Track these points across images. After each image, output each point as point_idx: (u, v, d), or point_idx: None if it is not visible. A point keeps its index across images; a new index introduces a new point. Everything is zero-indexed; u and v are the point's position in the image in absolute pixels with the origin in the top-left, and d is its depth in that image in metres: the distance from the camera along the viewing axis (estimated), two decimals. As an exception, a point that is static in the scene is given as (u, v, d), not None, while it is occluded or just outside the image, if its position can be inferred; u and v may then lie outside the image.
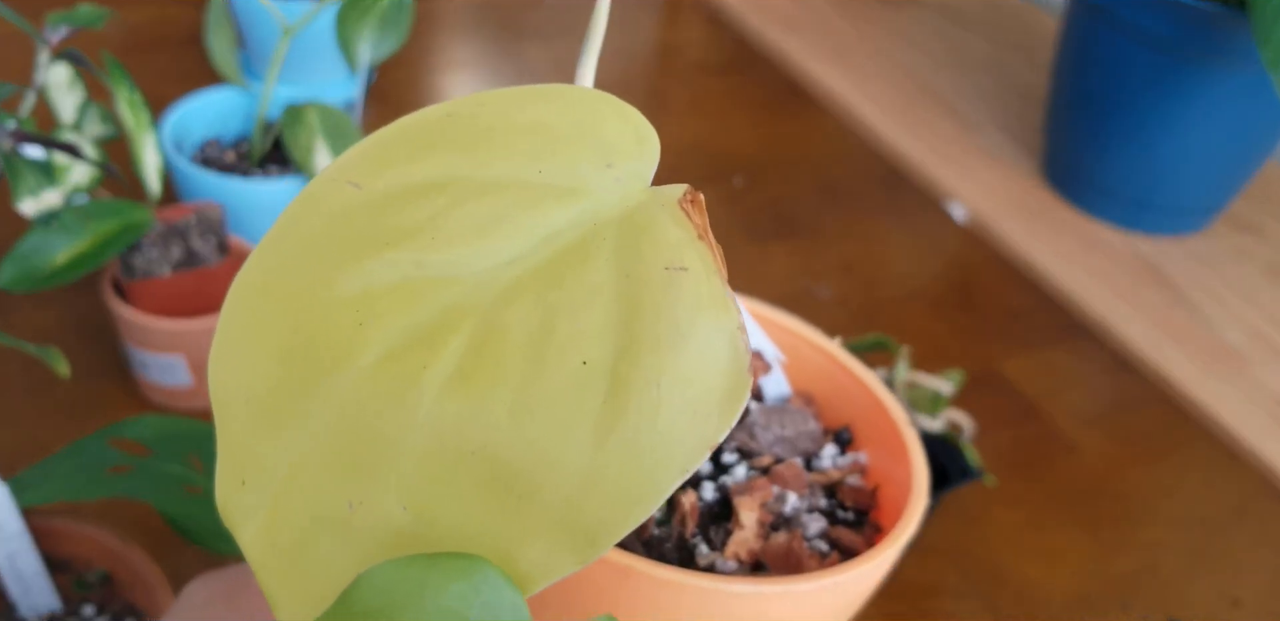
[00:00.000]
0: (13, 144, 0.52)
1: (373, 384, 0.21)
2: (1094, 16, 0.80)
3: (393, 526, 0.21)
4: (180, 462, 0.48)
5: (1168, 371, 0.75)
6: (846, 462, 0.38)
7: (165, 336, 0.59)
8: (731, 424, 0.21)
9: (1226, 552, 0.65)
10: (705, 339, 0.21)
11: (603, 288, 0.21)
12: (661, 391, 0.21)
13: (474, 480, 0.21)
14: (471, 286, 0.22)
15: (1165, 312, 0.80)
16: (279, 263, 0.23)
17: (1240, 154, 0.83)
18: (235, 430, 0.22)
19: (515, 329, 0.21)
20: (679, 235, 0.22)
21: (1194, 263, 0.86)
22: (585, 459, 0.20)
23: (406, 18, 0.69)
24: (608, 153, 0.23)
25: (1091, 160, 0.86)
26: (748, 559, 0.33)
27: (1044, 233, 0.86)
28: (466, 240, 0.22)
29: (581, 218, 0.23)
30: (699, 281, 0.21)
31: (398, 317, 0.22)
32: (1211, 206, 0.87)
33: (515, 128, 0.23)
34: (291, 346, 0.22)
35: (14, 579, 0.46)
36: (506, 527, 0.21)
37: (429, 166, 0.23)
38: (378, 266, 0.22)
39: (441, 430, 0.21)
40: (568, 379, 0.21)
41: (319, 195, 0.23)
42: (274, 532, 0.22)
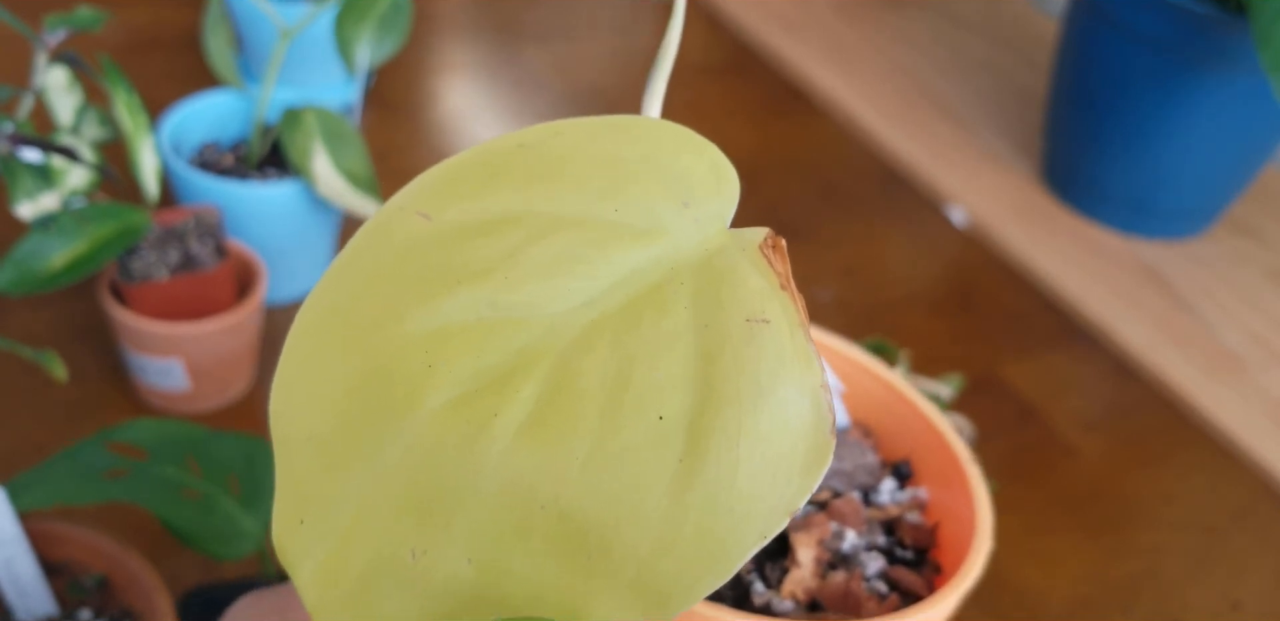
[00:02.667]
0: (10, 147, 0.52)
1: (442, 428, 0.21)
2: (1094, 19, 0.80)
3: (456, 578, 0.20)
4: (177, 466, 0.47)
5: (1168, 375, 0.75)
6: (906, 498, 0.36)
7: (162, 340, 0.59)
8: (814, 487, 0.20)
9: (1227, 556, 0.65)
10: (787, 397, 0.20)
11: (681, 337, 0.21)
12: (741, 451, 0.20)
13: (543, 534, 0.20)
14: (545, 329, 0.21)
15: (1165, 316, 0.80)
16: (346, 295, 0.22)
17: (1240, 157, 0.83)
18: (296, 467, 0.22)
19: (590, 377, 0.21)
20: (760, 284, 0.21)
21: (1194, 266, 0.85)
22: (660, 518, 0.20)
23: (405, 20, 0.69)
24: (685, 190, 0.22)
25: (1091, 163, 0.86)
26: (804, 598, 0.32)
27: (1043, 236, 0.86)
28: (540, 279, 0.21)
29: (659, 260, 0.22)
30: (782, 335, 0.21)
31: (470, 360, 0.21)
32: (1211, 210, 0.87)
33: (590, 161, 0.23)
34: (358, 385, 0.21)
35: (10, 583, 0.45)
36: (575, 585, 0.20)
37: (501, 199, 0.22)
38: (450, 304, 0.21)
39: (512, 480, 0.20)
40: (644, 433, 0.20)
41: (387, 225, 0.22)
42: (333, 575, 0.21)
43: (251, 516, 0.47)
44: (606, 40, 1.06)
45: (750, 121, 0.96)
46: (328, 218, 0.69)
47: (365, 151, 0.66)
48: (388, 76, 0.94)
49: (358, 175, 0.66)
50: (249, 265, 0.63)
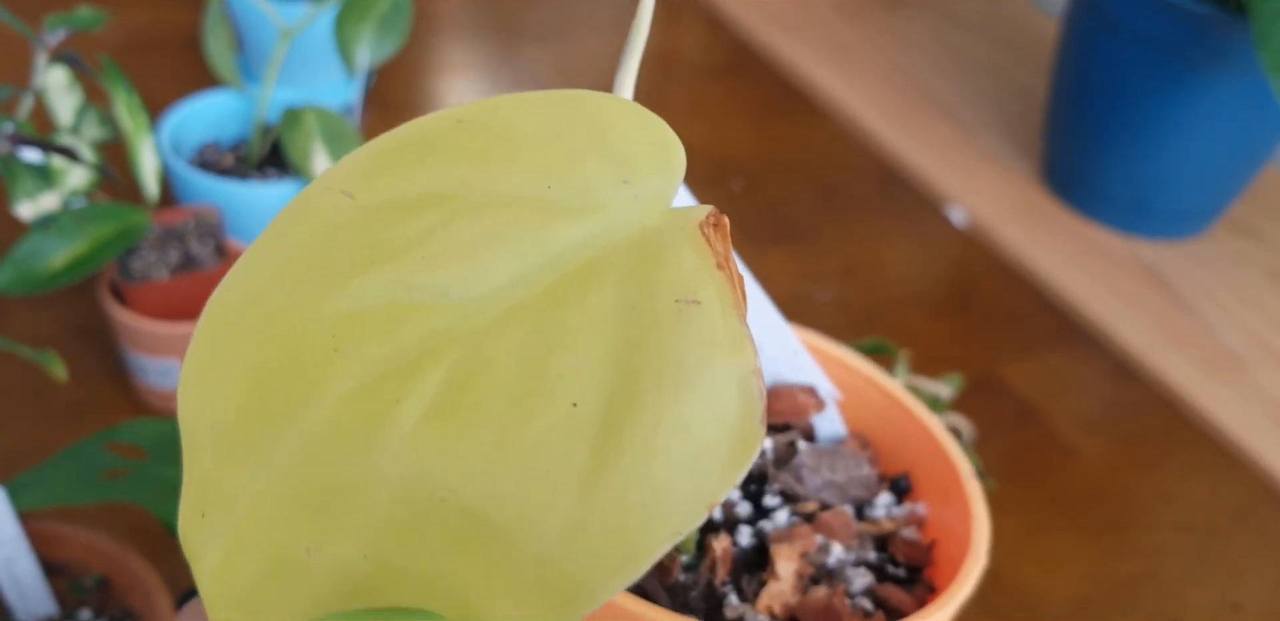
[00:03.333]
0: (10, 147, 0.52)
1: (340, 418, 0.19)
2: (1094, 20, 0.80)
3: (353, 575, 0.19)
4: (177, 467, 0.47)
5: (1168, 376, 0.75)
6: (902, 513, 0.35)
7: (162, 340, 0.59)
8: (735, 482, 0.19)
9: (1227, 558, 0.65)
10: (714, 383, 0.19)
11: (604, 320, 0.19)
12: (658, 440, 0.19)
13: (443, 530, 0.19)
14: (461, 313, 0.20)
15: (1165, 317, 0.80)
16: (259, 279, 0.21)
17: (1240, 158, 0.83)
18: (199, 459, 0.20)
19: (502, 363, 0.19)
20: (695, 263, 0.20)
21: (1194, 267, 0.85)
22: (567, 513, 0.18)
23: (405, 20, 0.69)
24: (626, 167, 0.21)
25: (1091, 164, 0.86)
26: (782, 614, 0.30)
27: (1043, 236, 0.86)
28: (462, 260, 0.20)
29: (592, 239, 0.21)
30: (713, 316, 0.19)
31: (377, 345, 0.20)
32: (1211, 210, 0.87)
33: (526, 137, 0.21)
34: (263, 372, 0.20)
35: (10, 583, 0.45)
36: (473, 585, 0.19)
37: (428, 177, 0.21)
38: (362, 286, 0.20)
39: (411, 472, 0.19)
40: (555, 422, 0.19)
41: (309, 205, 0.21)
42: (229, 572, 0.20)
43: (251, 517, 0.47)
44: (606, 40, 1.06)
45: (750, 121, 0.96)
46: (328, 218, 0.69)
47: (365, 151, 0.66)
48: (388, 76, 0.94)
49: (358, 175, 0.65)
50: (249, 265, 0.63)
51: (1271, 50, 0.61)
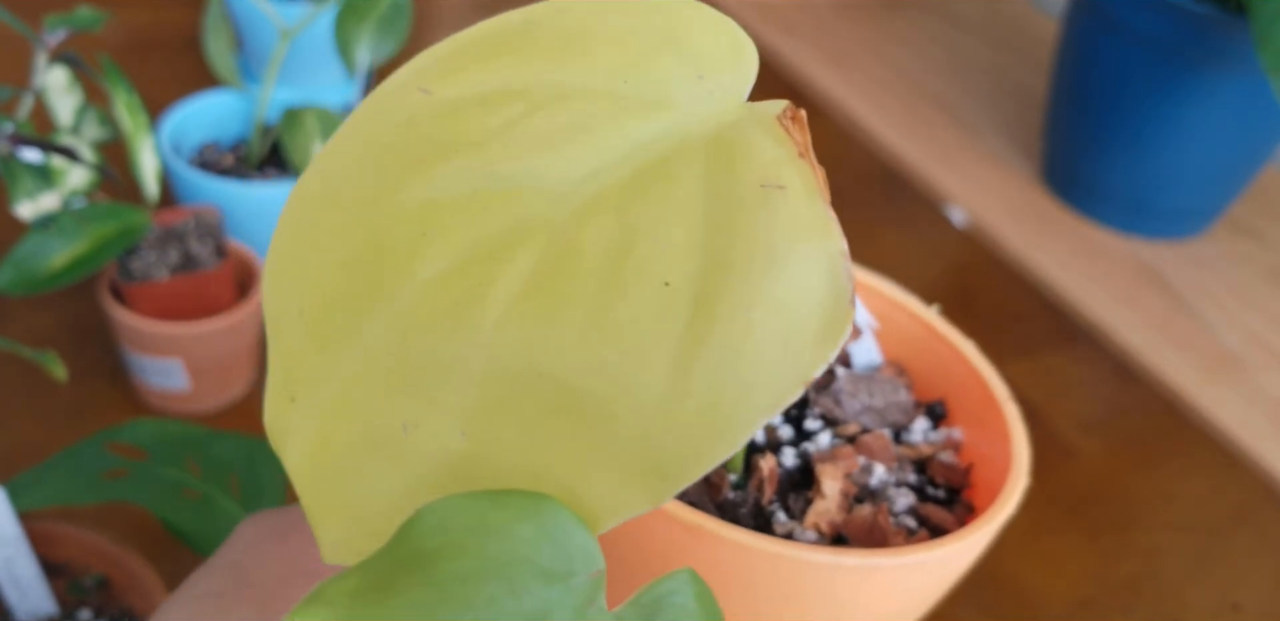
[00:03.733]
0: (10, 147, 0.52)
1: (434, 298, 0.20)
2: (1093, 20, 0.80)
3: (449, 451, 0.20)
4: (177, 467, 0.47)
5: (1167, 376, 0.75)
6: (939, 438, 0.35)
7: (162, 340, 0.59)
8: (830, 357, 0.19)
9: (1227, 558, 0.65)
10: (803, 263, 0.19)
11: (690, 205, 0.20)
12: (752, 317, 0.19)
13: (540, 406, 0.19)
14: (546, 200, 0.20)
15: (1165, 317, 0.80)
16: (340, 170, 0.21)
17: (1240, 158, 0.83)
18: (287, 344, 0.21)
19: (591, 246, 0.19)
20: (777, 153, 0.20)
21: (1193, 267, 0.85)
22: (664, 386, 0.19)
23: (405, 20, 0.69)
24: (699, 64, 0.22)
25: (1091, 164, 0.86)
26: (828, 531, 0.30)
27: (1043, 237, 0.86)
28: (542, 151, 0.20)
29: (670, 131, 0.21)
30: (798, 201, 0.20)
31: (465, 230, 0.20)
32: (1211, 211, 0.87)
33: (600, 35, 0.22)
34: (350, 258, 0.20)
35: (10, 583, 0.45)
36: (574, 458, 0.19)
37: (505, 73, 0.21)
38: (445, 175, 0.20)
39: (506, 351, 0.19)
40: (647, 300, 0.19)
41: (386, 101, 0.22)
42: (322, 452, 0.20)
43: (251, 516, 0.47)
44: (606, 41, 1.06)
45: (750, 122, 0.96)
46: (328, 218, 0.69)
47: (365, 152, 0.66)
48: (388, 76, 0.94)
49: (358, 175, 0.66)
50: (249, 265, 0.63)
51: (1271, 50, 0.61)
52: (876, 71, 1.03)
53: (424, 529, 0.18)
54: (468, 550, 0.17)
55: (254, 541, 0.31)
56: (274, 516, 0.32)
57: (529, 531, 0.18)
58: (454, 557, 0.17)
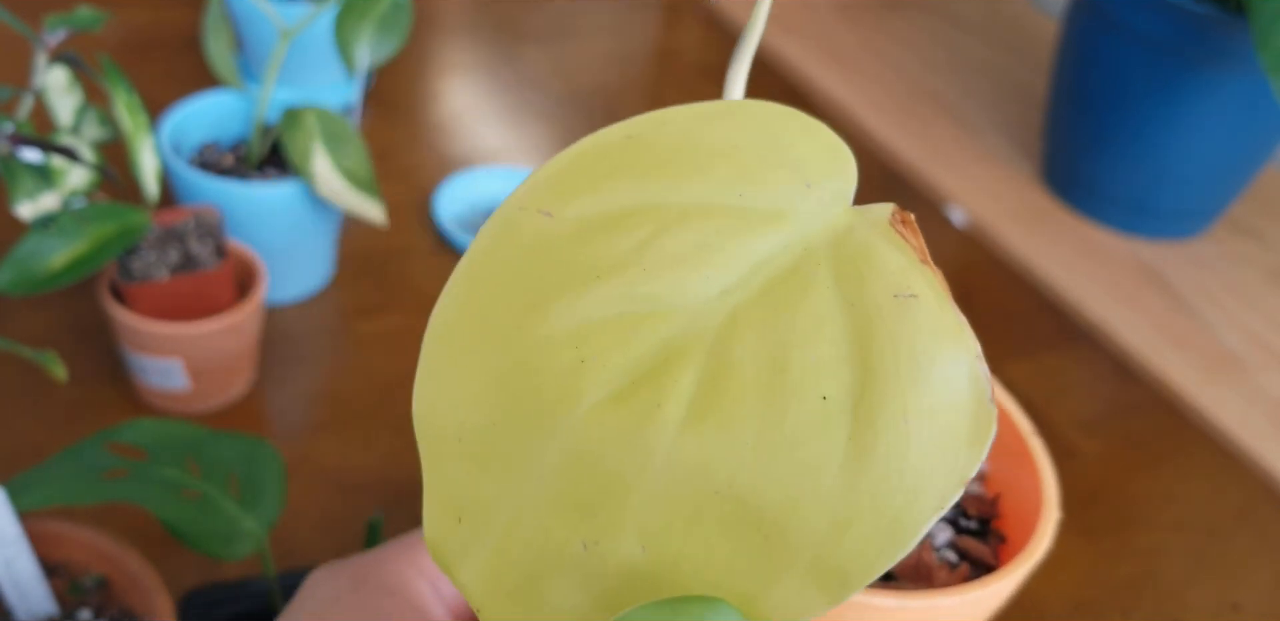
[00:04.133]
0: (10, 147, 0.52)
1: (605, 422, 0.21)
2: (1093, 20, 0.80)
3: (631, 566, 0.21)
4: (177, 466, 0.47)
5: (1168, 376, 0.75)
6: None
7: (163, 340, 0.59)
8: (982, 456, 0.20)
9: (1227, 558, 0.65)
10: (947, 370, 0.20)
11: (829, 317, 0.21)
12: (909, 426, 0.20)
13: (718, 520, 0.20)
14: (690, 319, 0.21)
15: (1165, 317, 0.80)
16: (479, 297, 0.22)
17: (1240, 158, 0.83)
18: (448, 469, 0.22)
19: (745, 363, 0.21)
20: (900, 259, 0.21)
21: (1193, 267, 0.86)
22: (835, 497, 0.20)
23: (405, 21, 0.69)
24: (804, 171, 0.22)
25: (1091, 164, 0.86)
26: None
27: (1043, 237, 0.86)
28: (677, 270, 0.21)
29: (791, 242, 0.22)
30: (931, 309, 0.21)
31: (620, 353, 0.21)
32: (1211, 211, 0.87)
33: (703, 149, 0.22)
34: (508, 385, 0.21)
35: (10, 583, 0.45)
36: (751, 568, 0.20)
37: (621, 193, 0.22)
38: (589, 300, 0.21)
39: (682, 469, 0.20)
40: (810, 415, 0.20)
41: (510, 225, 0.22)
42: (498, 572, 0.22)
43: (251, 516, 0.47)
44: (606, 42, 1.06)
45: (750, 122, 0.96)
46: (328, 217, 0.69)
47: (365, 151, 0.66)
48: (387, 77, 0.94)
49: (358, 175, 0.66)
50: (249, 265, 0.63)
51: (1271, 50, 0.61)
52: (876, 71, 1.03)
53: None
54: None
55: (333, 596, 0.32)
56: (346, 568, 0.33)
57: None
58: None
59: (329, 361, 0.69)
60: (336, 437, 0.64)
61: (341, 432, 0.64)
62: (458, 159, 0.87)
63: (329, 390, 0.67)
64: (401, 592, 0.32)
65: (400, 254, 0.77)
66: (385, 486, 0.61)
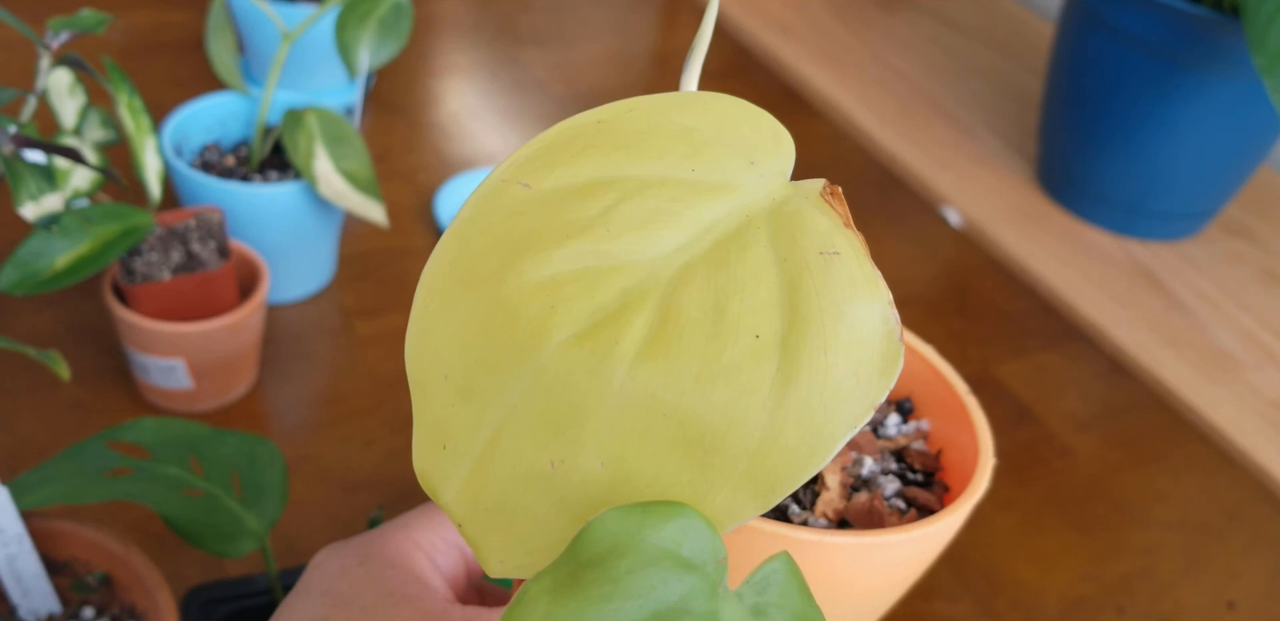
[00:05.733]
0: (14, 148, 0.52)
1: (570, 358, 0.24)
2: (1089, 22, 0.81)
3: (592, 480, 0.24)
4: (180, 465, 0.48)
5: (1162, 375, 0.76)
6: (910, 430, 0.41)
7: (165, 340, 0.59)
8: (890, 386, 0.23)
9: (1221, 556, 0.65)
10: (861, 313, 0.24)
11: (764, 270, 0.24)
12: (829, 358, 0.23)
13: (666, 439, 0.24)
14: (646, 271, 0.25)
15: (1159, 317, 0.81)
16: (465, 255, 0.25)
17: (1234, 159, 0.83)
18: (435, 403, 0.25)
19: (691, 308, 0.24)
20: (827, 223, 0.25)
21: (1188, 267, 0.86)
22: (765, 418, 0.23)
23: (406, 23, 0.70)
24: (750, 152, 0.26)
25: (1086, 165, 0.86)
26: (834, 517, 0.36)
27: (1038, 237, 0.87)
28: (635, 232, 0.25)
29: (735, 210, 0.25)
30: (851, 263, 0.24)
31: (584, 300, 0.24)
32: (1205, 211, 0.88)
33: (663, 131, 0.26)
34: (488, 328, 0.25)
35: (13, 581, 0.46)
36: (696, 479, 0.24)
37: (591, 167, 0.26)
38: (560, 256, 0.25)
39: (635, 396, 0.24)
40: (744, 350, 0.23)
41: (493, 195, 0.26)
42: (477, 491, 0.25)
43: (254, 514, 0.47)
44: (605, 43, 1.07)
45: (748, 123, 0.97)
46: (329, 218, 0.69)
47: (366, 153, 0.67)
48: (388, 79, 0.94)
49: (358, 176, 0.66)
50: (251, 265, 0.63)
51: (1266, 52, 0.61)
52: (873, 73, 1.04)
53: (595, 537, 0.23)
54: (630, 549, 0.22)
55: (340, 570, 0.35)
56: (351, 546, 0.36)
57: (672, 532, 0.23)
58: (621, 556, 0.22)
59: (330, 361, 0.69)
60: (338, 436, 0.64)
61: (343, 431, 0.65)
62: (458, 160, 0.88)
63: (330, 389, 0.68)
64: (403, 565, 0.35)
65: (401, 254, 0.78)
66: (386, 484, 0.62)
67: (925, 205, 0.90)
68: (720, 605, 0.22)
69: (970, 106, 1.01)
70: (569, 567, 0.22)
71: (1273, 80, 0.61)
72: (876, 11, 1.14)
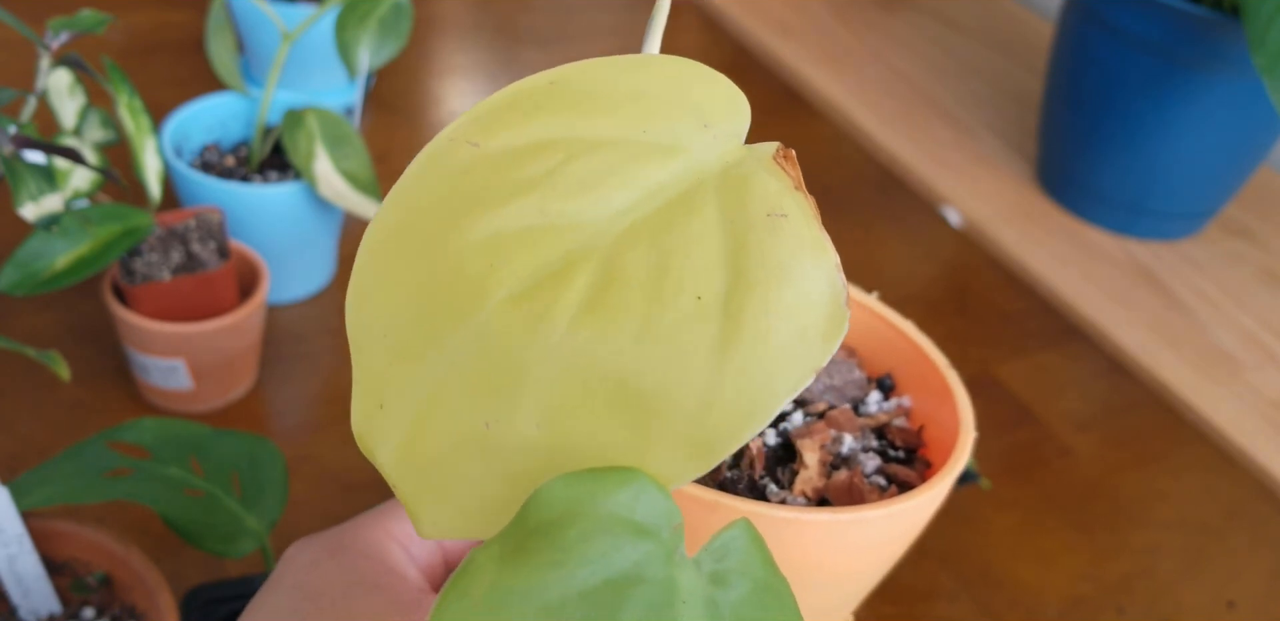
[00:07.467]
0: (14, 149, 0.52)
1: (508, 317, 0.23)
2: (1089, 22, 0.81)
3: (527, 442, 0.23)
4: (180, 465, 0.48)
5: (1162, 375, 0.76)
6: (891, 407, 0.41)
7: (165, 340, 0.59)
8: (833, 350, 0.23)
9: (1221, 556, 0.66)
10: (807, 276, 0.23)
11: (710, 232, 0.24)
12: (771, 320, 0.23)
13: (604, 400, 0.23)
14: (591, 232, 0.24)
15: (1159, 316, 0.81)
16: (409, 213, 0.25)
17: (1233, 159, 0.83)
18: (373, 362, 0.25)
19: (633, 268, 0.23)
20: (777, 186, 0.24)
21: (1187, 267, 0.86)
22: (705, 379, 0.23)
23: (406, 23, 0.70)
24: (703, 114, 0.25)
25: (1086, 165, 0.87)
26: (814, 495, 0.36)
27: (1039, 237, 0.87)
28: (582, 192, 0.24)
29: (685, 172, 0.25)
30: (799, 225, 0.24)
31: (526, 259, 0.24)
32: (1205, 211, 0.88)
33: (616, 93, 0.25)
34: (428, 286, 0.24)
35: (14, 581, 0.46)
36: (635, 441, 0.23)
37: (540, 127, 0.25)
38: (504, 215, 0.24)
39: (573, 356, 0.23)
40: (685, 311, 0.23)
41: (440, 154, 0.25)
42: (412, 451, 0.24)
43: (254, 515, 0.47)
44: (604, 43, 1.07)
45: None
46: (329, 218, 0.69)
47: (366, 153, 0.67)
48: (388, 79, 0.94)
49: (358, 176, 0.66)
50: (251, 265, 0.64)
51: (1266, 52, 0.61)
52: (873, 73, 1.04)
53: (544, 503, 0.22)
54: (580, 516, 0.21)
55: (310, 562, 0.34)
56: (322, 539, 0.35)
57: (624, 497, 0.22)
58: (571, 523, 0.21)
59: (331, 361, 0.69)
60: (338, 436, 0.64)
61: (343, 431, 0.65)
62: (457, 160, 0.88)
63: (330, 389, 0.68)
64: (377, 555, 0.34)
65: (400, 255, 0.78)
66: (386, 485, 0.62)
67: (925, 205, 0.90)
68: (677, 572, 0.21)
69: (970, 106, 1.01)
70: (517, 535, 0.21)
71: (1273, 80, 0.61)
72: (876, 11, 1.14)
